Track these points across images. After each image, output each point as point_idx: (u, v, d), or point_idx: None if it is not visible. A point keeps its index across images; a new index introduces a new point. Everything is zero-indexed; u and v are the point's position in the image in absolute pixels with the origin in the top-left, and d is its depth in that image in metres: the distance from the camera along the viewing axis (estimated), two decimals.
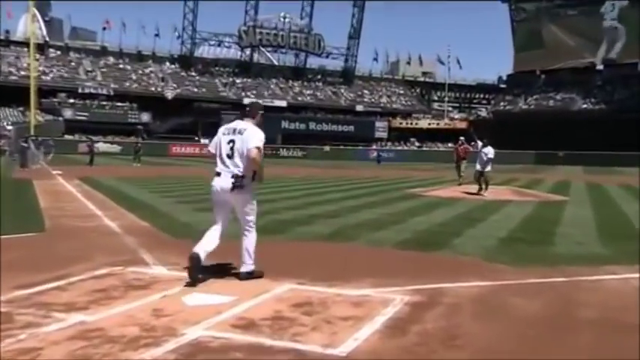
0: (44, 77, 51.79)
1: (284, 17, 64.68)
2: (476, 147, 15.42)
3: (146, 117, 53.06)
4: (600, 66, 62.04)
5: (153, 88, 56.96)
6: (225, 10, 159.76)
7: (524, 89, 66.44)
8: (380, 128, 62.03)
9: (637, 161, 38.31)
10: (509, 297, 4.66)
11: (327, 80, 69.63)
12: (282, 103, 60.47)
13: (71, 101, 51.51)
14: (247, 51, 66.20)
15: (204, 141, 53.85)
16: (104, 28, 62.47)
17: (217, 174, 4.92)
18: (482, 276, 5.35)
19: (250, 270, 5.02)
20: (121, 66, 59.44)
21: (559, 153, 48.94)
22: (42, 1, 68.25)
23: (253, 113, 5.08)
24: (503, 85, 75.18)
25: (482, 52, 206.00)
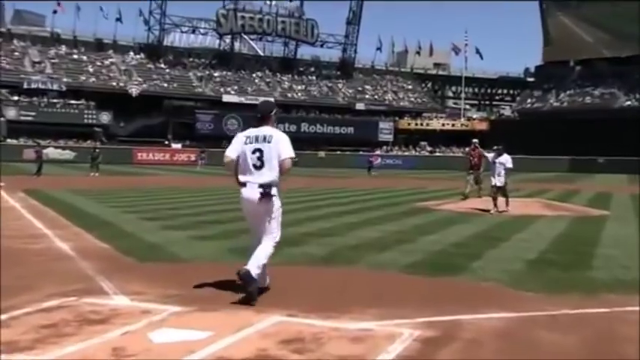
0: None
1: None
2: (495, 157, 14.34)
3: (106, 117, 53.06)
4: None
5: (114, 83, 57.02)
6: None
7: (555, 83, 66.99)
8: (384, 130, 62.34)
9: None
10: (538, 331, 4.67)
11: (322, 73, 70.01)
12: None
13: (15, 98, 51.42)
14: (227, 39, 66.55)
15: (175, 145, 53.95)
16: (55, 12, 62.77)
17: (243, 184, 5.33)
18: (506, 306, 5.35)
19: (254, 275, 5.20)
20: (76, 56, 59.52)
21: (598, 159, 49.27)
22: None
23: (267, 117, 5.53)
24: (530, 79, 75.90)
25: (505, 40, 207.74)
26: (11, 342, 4.18)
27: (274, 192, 5.30)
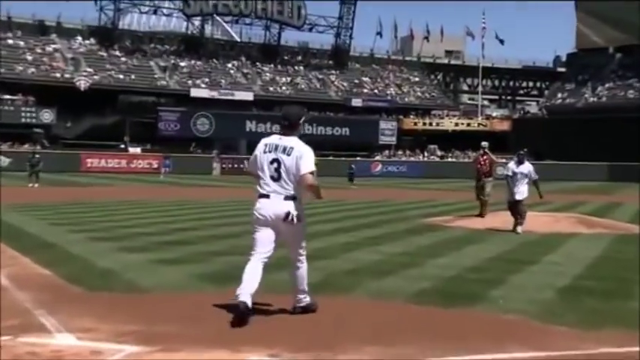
0: None
1: None
2: (514, 166, 14.06)
3: (48, 116, 52.79)
4: None
5: (58, 74, 56.80)
6: None
7: (591, 75, 67.43)
8: (386, 131, 62.48)
9: None
10: None
11: (311, 63, 70.16)
12: (246, 96, 60.71)
13: None
14: (196, 21, 66.55)
15: (133, 150, 53.77)
16: None
17: (263, 196, 5.88)
18: (533, 343, 5.35)
19: (307, 304, 6.14)
20: (11, 42, 59.26)
21: None
22: None
23: (295, 124, 6.04)
24: (561, 69, 76.42)
25: (531, 22, 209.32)
26: None
27: (298, 208, 5.90)
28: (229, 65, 65.44)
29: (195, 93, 58.90)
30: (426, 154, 62.69)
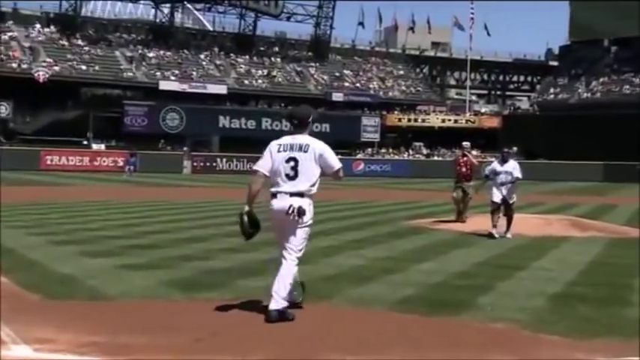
0: None
1: None
2: (498, 165, 13.92)
3: (4, 110, 52.33)
4: None
5: (14, 65, 56.28)
6: None
7: (585, 69, 68.05)
8: (369, 127, 62.65)
9: None
10: None
11: (289, 55, 70.15)
12: (219, 90, 60.56)
13: None
14: (165, 9, 66.29)
15: (97, 146, 53.42)
16: None
17: (274, 195, 6.23)
18: (523, 353, 5.37)
19: (282, 307, 6.09)
20: None
21: (639, 165, 49.96)
22: None
23: (305, 123, 6.49)
24: (554, 63, 77.11)
25: (521, 13, 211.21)
26: None
27: (306, 204, 6.20)
28: (201, 56, 65.19)
29: (164, 86, 58.58)
30: (411, 152, 62.89)
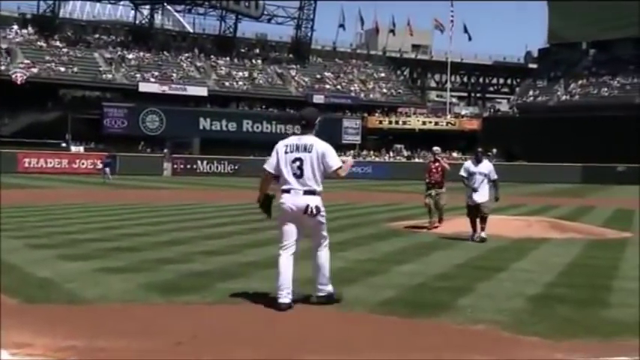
0: None
1: None
2: (472, 166, 13.84)
3: None
4: None
5: None
6: None
7: (564, 71, 68.52)
8: (350, 130, 62.75)
9: None
10: None
11: (270, 57, 70.04)
12: (200, 91, 60.39)
13: None
14: (145, 10, 65.97)
15: (75, 149, 53.04)
16: None
17: (286, 191, 6.72)
18: (503, 354, 5.39)
19: (329, 292, 6.89)
20: None
21: (618, 167, 50.37)
22: None
23: (312, 123, 6.96)
24: (533, 65, 77.56)
25: (501, 15, 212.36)
26: None
27: (319, 200, 6.74)
28: (181, 58, 64.95)
29: (143, 88, 58.30)
30: (392, 155, 63.02)
